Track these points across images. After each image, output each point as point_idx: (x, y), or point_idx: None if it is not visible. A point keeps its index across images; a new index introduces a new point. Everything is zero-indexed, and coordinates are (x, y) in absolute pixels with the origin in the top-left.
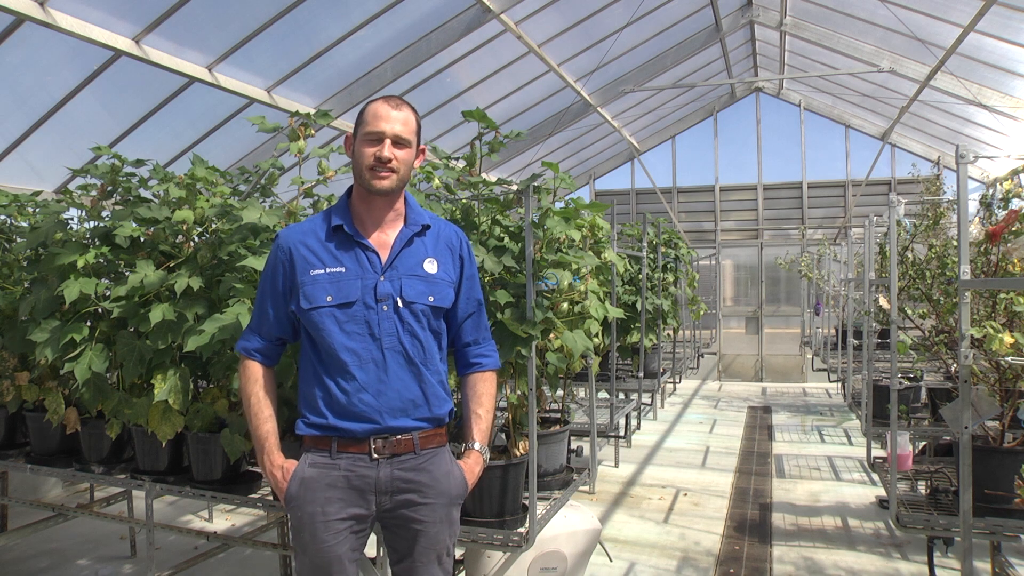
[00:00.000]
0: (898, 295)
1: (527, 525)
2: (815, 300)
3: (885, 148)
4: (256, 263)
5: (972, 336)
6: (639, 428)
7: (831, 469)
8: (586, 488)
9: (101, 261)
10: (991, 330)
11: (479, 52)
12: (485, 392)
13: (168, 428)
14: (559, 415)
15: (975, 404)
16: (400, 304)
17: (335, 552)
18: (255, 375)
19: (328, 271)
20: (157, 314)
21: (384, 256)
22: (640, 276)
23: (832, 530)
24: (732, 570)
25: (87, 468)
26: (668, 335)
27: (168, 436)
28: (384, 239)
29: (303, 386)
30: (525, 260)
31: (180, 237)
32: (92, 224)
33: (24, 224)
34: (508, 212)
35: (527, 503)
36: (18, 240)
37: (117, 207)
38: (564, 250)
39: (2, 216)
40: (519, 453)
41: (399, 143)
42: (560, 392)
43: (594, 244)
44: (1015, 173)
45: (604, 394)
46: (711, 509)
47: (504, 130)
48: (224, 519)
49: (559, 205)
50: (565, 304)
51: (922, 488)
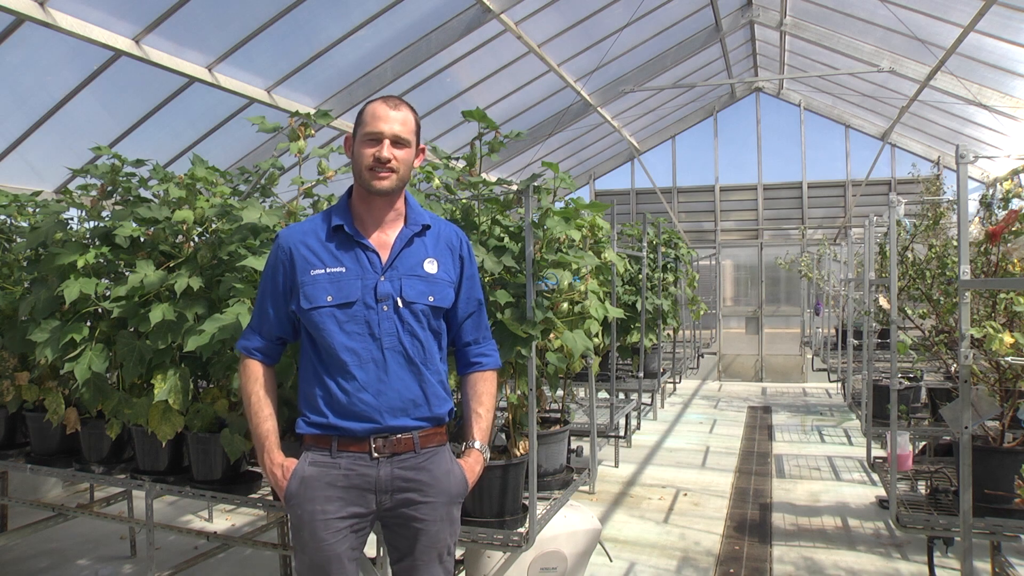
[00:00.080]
0: (898, 295)
1: (527, 525)
2: (815, 300)
3: (885, 148)
4: (256, 263)
5: (972, 336)
6: (639, 428)
7: (831, 469)
8: (586, 488)
9: (101, 261)
10: (991, 330)
11: (479, 52)
12: (485, 391)
13: (168, 428)
14: (559, 415)
15: (975, 404)
16: (400, 304)
17: (334, 551)
18: (255, 374)
19: (328, 271)
20: (157, 314)
21: (384, 256)
22: (640, 276)
23: (832, 530)
24: (732, 570)
25: (87, 468)
26: (668, 335)
27: (168, 436)
28: (384, 239)
29: (303, 385)
30: (525, 260)
31: (180, 237)
32: (92, 224)
33: (24, 224)
34: (508, 212)
35: (527, 503)
36: (18, 240)
37: (117, 207)
38: (564, 250)
39: (2, 216)
40: (519, 453)
41: (398, 143)
42: (560, 392)
43: (594, 244)
44: (1015, 173)
45: (604, 394)
46: (711, 509)
47: (504, 130)
48: (224, 519)
49: (559, 205)
50: (565, 304)
51: (922, 488)
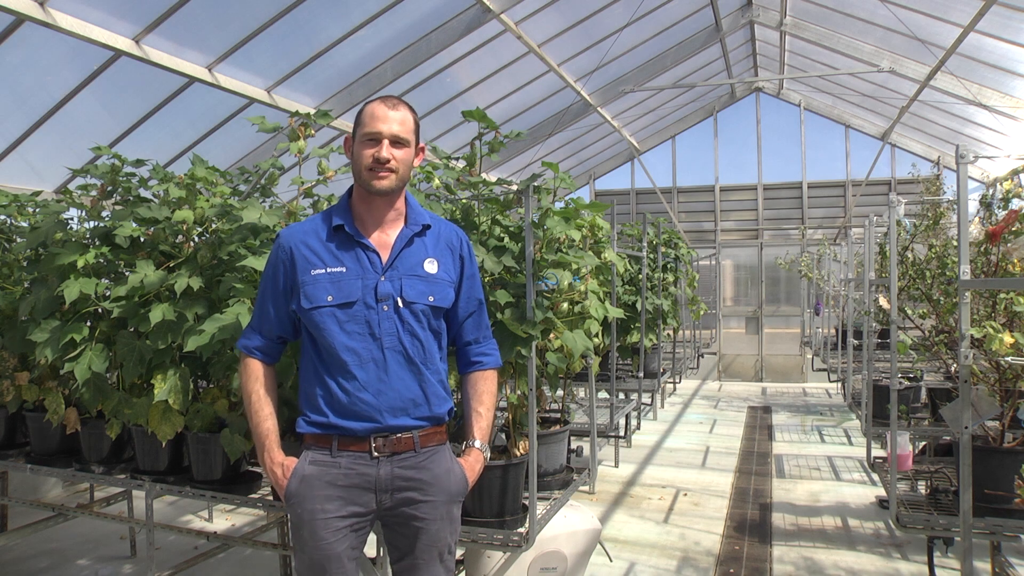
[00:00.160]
0: (898, 295)
1: (527, 525)
2: (815, 300)
3: (885, 148)
4: (256, 263)
5: (972, 336)
6: (639, 428)
7: (831, 469)
8: (586, 488)
9: (101, 261)
10: (991, 330)
11: (479, 52)
12: (486, 390)
13: (168, 428)
14: (559, 415)
15: (975, 404)
16: (400, 304)
17: (334, 550)
18: (256, 373)
19: (329, 271)
20: (157, 314)
21: (385, 256)
22: (640, 276)
23: (832, 530)
24: (732, 570)
25: (87, 468)
26: (668, 335)
27: (168, 436)
28: (385, 239)
29: (304, 384)
30: (525, 260)
31: (180, 237)
32: (92, 224)
33: (24, 224)
34: (508, 212)
35: (527, 503)
36: (18, 240)
37: (117, 207)
38: (564, 250)
39: (2, 216)
40: (519, 453)
41: (397, 143)
42: (560, 392)
43: (594, 244)
44: (1015, 173)
45: (604, 394)
46: (711, 509)
47: (504, 130)
48: (224, 519)
49: (559, 205)
50: (565, 304)
51: (922, 488)
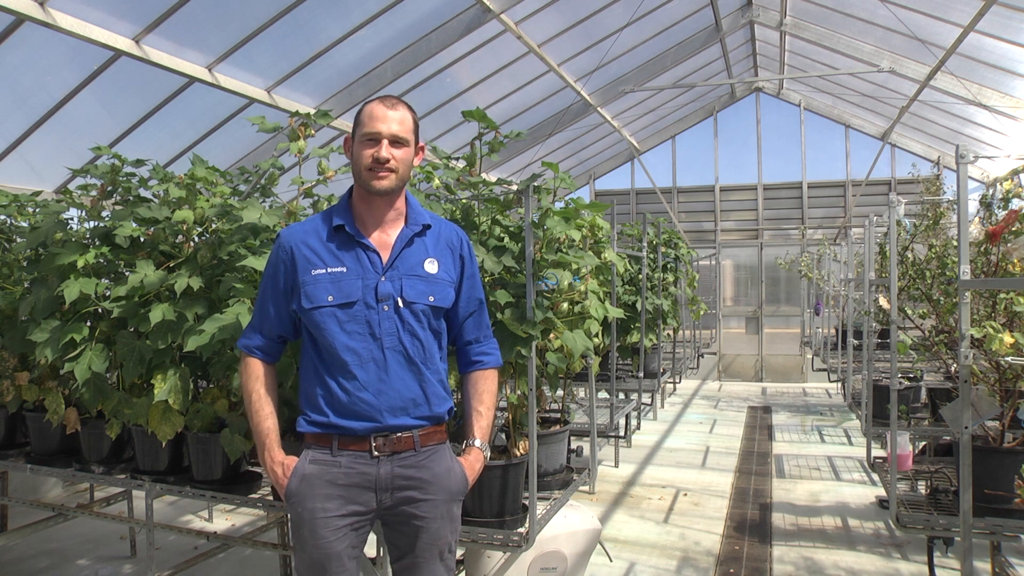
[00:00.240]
0: (898, 295)
1: (527, 525)
2: (815, 300)
3: (885, 148)
4: (256, 263)
5: (972, 336)
6: (639, 428)
7: (831, 469)
8: (586, 488)
9: (101, 261)
10: (991, 330)
11: (479, 52)
12: (486, 390)
13: (168, 428)
14: (559, 415)
15: (975, 404)
16: (401, 304)
17: (334, 549)
18: (256, 372)
19: (329, 271)
20: (157, 314)
21: (385, 256)
22: (640, 276)
23: (832, 530)
24: (732, 570)
25: (87, 468)
26: (668, 335)
27: (168, 436)
28: (385, 239)
29: (304, 384)
30: (525, 260)
31: (180, 237)
32: (92, 224)
33: (24, 224)
34: (508, 212)
35: (527, 503)
36: (18, 240)
37: (117, 207)
38: (564, 250)
39: (2, 216)
40: (519, 453)
41: (397, 143)
42: (560, 392)
43: (594, 244)
44: (1015, 173)
45: (604, 394)
46: (711, 509)
47: (504, 130)
48: (224, 519)
49: (559, 205)
50: (565, 304)
51: (922, 488)
